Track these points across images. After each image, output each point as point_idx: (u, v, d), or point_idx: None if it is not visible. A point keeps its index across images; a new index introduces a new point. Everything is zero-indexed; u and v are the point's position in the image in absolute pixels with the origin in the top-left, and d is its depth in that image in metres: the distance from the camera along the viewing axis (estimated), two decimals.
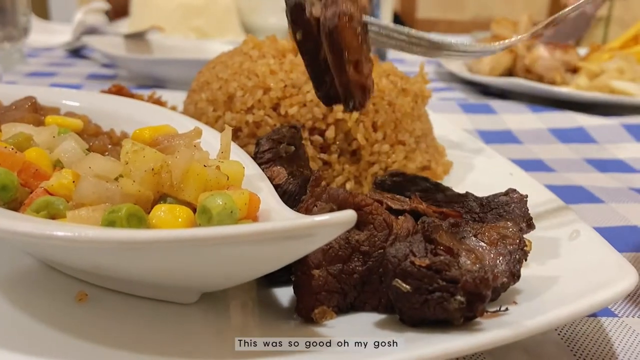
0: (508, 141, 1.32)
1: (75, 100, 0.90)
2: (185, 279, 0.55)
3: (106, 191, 0.56)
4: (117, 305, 0.58)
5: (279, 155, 0.74)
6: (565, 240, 0.68)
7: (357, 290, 0.58)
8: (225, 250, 0.48)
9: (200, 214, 0.55)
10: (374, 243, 0.58)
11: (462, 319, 0.52)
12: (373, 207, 0.58)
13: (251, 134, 0.88)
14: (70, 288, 0.60)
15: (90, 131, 0.80)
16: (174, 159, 0.58)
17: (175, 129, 0.71)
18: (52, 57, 2.11)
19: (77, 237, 0.47)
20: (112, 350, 0.51)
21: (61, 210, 0.56)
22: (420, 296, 0.52)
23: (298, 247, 0.50)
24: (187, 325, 0.56)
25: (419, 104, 0.95)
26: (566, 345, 0.62)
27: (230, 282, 0.57)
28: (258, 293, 0.63)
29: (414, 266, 0.52)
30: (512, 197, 0.68)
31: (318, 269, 0.57)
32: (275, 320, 0.59)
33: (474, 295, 0.50)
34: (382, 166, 0.89)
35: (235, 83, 0.90)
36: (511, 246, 0.58)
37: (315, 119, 0.87)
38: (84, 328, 0.54)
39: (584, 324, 0.66)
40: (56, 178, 0.59)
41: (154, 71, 1.64)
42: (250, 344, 0.50)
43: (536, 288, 0.59)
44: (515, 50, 1.75)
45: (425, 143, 0.95)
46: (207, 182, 0.59)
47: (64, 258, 0.56)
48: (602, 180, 1.11)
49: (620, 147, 1.29)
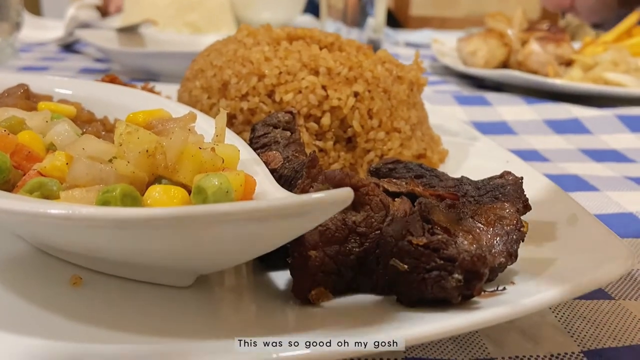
0: (503, 132, 1.33)
1: (68, 89, 0.90)
2: (180, 260, 0.54)
3: (100, 172, 0.55)
4: (112, 289, 0.58)
5: (275, 140, 0.74)
6: (563, 223, 0.68)
7: (354, 271, 0.58)
8: (221, 229, 0.48)
9: (196, 194, 0.54)
10: (371, 224, 0.58)
11: (460, 297, 0.51)
12: (370, 188, 0.58)
13: (246, 121, 0.87)
14: (64, 272, 0.60)
15: (84, 118, 0.79)
16: (169, 141, 0.58)
17: (170, 114, 0.70)
18: (44, 52, 2.10)
19: (72, 215, 0.46)
20: (106, 334, 0.50)
21: (54, 191, 0.55)
22: (418, 275, 0.52)
23: (294, 225, 0.49)
24: (182, 308, 0.56)
25: (414, 91, 0.95)
26: (563, 327, 0.62)
27: (226, 263, 0.57)
28: (254, 277, 0.63)
29: (411, 245, 0.52)
30: (508, 180, 0.68)
31: (315, 250, 0.56)
32: (271, 302, 0.58)
33: (471, 274, 0.50)
34: (378, 153, 0.89)
35: (229, 70, 0.89)
36: (508, 227, 0.58)
37: (310, 105, 0.86)
38: (79, 312, 0.54)
39: (581, 307, 0.66)
40: (49, 160, 0.58)
41: (147, 64, 1.63)
42: (250, 344, 0.49)
43: (534, 269, 0.59)
44: (510, 44, 1.75)
45: (421, 131, 0.95)
46: (202, 164, 0.58)
47: (58, 239, 0.55)
48: (597, 170, 1.11)
49: (615, 137, 1.29)
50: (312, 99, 0.86)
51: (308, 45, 0.96)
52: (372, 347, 0.48)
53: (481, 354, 0.58)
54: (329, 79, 0.88)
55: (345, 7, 2.37)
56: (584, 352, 0.58)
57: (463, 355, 0.58)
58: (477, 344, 0.59)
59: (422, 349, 0.58)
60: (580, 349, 0.59)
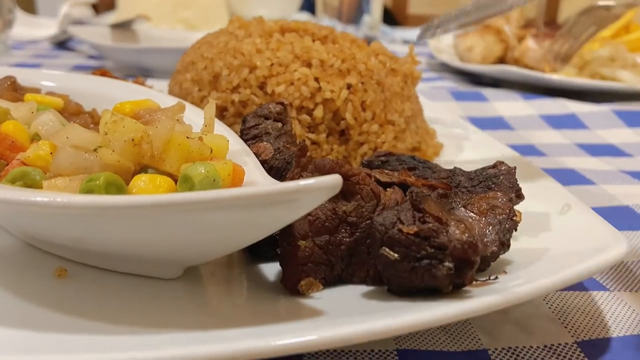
0: (499, 127, 1.32)
1: (56, 82, 0.89)
2: (166, 250, 0.53)
3: (84, 161, 0.54)
4: (98, 281, 0.57)
5: (266, 131, 0.73)
6: (556, 214, 0.67)
7: (344, 262, 0.57)
8: (207, 217, 0.47)
9: (182, 183, 0.53)
10: (362, 214, 0.57)
11: (451, 286, 0.50)
12: (360, 177, 0.57)
13: (237, 114, 0.86)
14: (48, 264, 0.59)
15: (71, 110, 0.78)
16: (155, 129, 0.57)
17: (158, 104, 0.69)
18: (37, 49, 2.08)
19: (53, 203, 0.45)
20: (92, 326, 0.49)
21: (37, 180, 0.54)
22: (408, 264, 0.51)
23: (282, 213, 0.48)
24: (170, 300, 0.54)
25: (408, 84, 0.94)
26: (557, 318, 0.61)
27: (213, 253, 0.56)
28: (244, 268, 0.62)
29: (402, 234, 0.51)
30: (500, 169, 0.67)
31: (304, 239, 0.55)
32: (261, 293, 0.57)
33: (462, 262, 0.49)
34: (372, 146, 0.88)
35: (220, 62, 0.88)
36: (501, 216, 0.57)
37: (303, 97, 0.85)
38: (64, 304, 0.52)
39: (575, 298, 0.65)
40: (33, 150, 0.57)
41: (140, 61, 1.62)
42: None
43: (527, 258, 0.58)
44: (507, 40, 1.74)
45: (415, 124, 0.94)
46: (190, 153, 0.57)
47: (41, 229, 0.54)
48: (593, 164, 1.10)
49: (612, 132, 1.29)
50: (305, 90, 0.85)
51: (301, 37, 0.95)
52: (362, 337, 0.47)
53: (474, 345, 0.57)
54: (321, 71, 0.87)
55: (341, 4, 2.36)
56: (577, 343, 0.57)
57: (456, 347, 0.57)
58: (470, 335, 0.58)
59: (413, 340, 0.57)
60: (574, 339, 0.58)
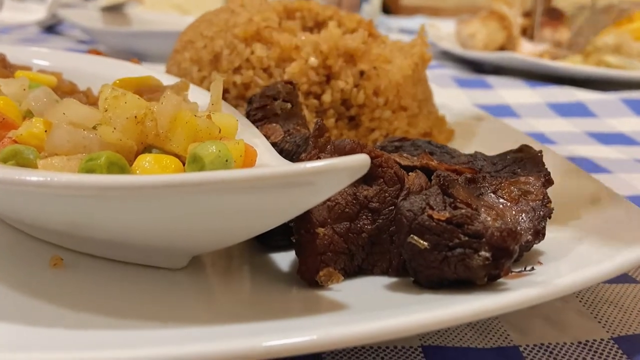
0: (506, 115, 1.28)
1: (48, 60, 0.83)
2: (173, 237, 0.48)
3: (82, 140, 0.49)
4: (96, 271, 0.52)
5: (274, 112, 0.68)
6: (585, 202, 0.63)
7: (365, 251, 0.52)
8: (219, 200, 0.42)
9: (191, 163, 0.48)
10: (384, 199, 0.53)
11: (486, 278, 0.46)
12: (383, 159, 0.53)
13: (239, 96, 0.81)
14: (43, 253, 0.54)
15: (65, 89, 0.72)
16: (160, 106, 0.52)
17: (160, 81, 0.64)
18: (25, 34, 2.01)
19: (51, 182, 0.40)
20: (90, 319, 0.45)
21: (31, 160, 0.49)
22: (439, 253, 0.46)
23: (303, 197, 0.44)
24: (174, 293, 0.50)
25: (419, 67, 0.90)
26: (589, 313, 0.57)
27: (223, 241, 0.51)
28: (254, 258, 0.57)
29: (432, 220, 0.47)
30: (526, 153, 0.63)
31: (323, 227, 0.51)
32: (273, 285, 0.53)
33: (500, 251, 0.45)
34: (383, 133, 0.83)
35: (221, 41, 0.83)
36: (534, 202, 0.53)
37: (311, 82, 0.81)
38: (59, 296, 0.48)
39: (605, 291, 0.61)
40: (26, 127, 0.52)
41: (133, 45, 1.56)
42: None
43: (561, 248, 0.54)
44: (510, 27, 1.70)
45: (427, 109, 0.90)
46: (198, 133, 0.52)
47: (36, 213, 0.49)
48: (606, 152, 1.07)
49: (621, 121, 1.25)
50: (312, 74, 0.80)
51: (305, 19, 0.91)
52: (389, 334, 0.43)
53: (503, 342, 0.53)
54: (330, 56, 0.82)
55: None
56: (613, 339, 0.54)
57: (484, 343, 0.53)
58: (498, 330, 0.54)
59: (438, 336, 0.53)
60: (610, 335, 0.54)
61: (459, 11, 3.94)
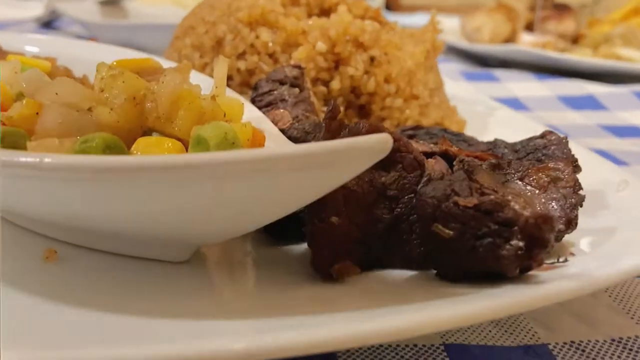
0: (516, 108, 1.24)
1: (42, 47, 0.79)
2: (175, 227, 0.44)
3: (76, 122, 0.45)
4: (92, 265, 0.48)
5: (282, 98, 0.64)
6: (613, 190, 0.60)
7: (382, 241, 0.48)
8: (226, 184, 0.38)
9: (194, 146, 0.45)
10: (403, 186, 0.49)
11: (518, 270, 0.42)
12: (402, 143, 0.49)
13: (244, 83, 0.78)
14: (35, 246, 0.50)
15: (59, 74, 0.68)
16: (160, 85, 0.48)
17: (160, 64, 0.60)
18: (22, 30, 1.97)
19: (43, 164, 0.36)
20: (87, 315, 0.41)
21: (22, 143, 0.45)
22: (466, 243, 0.42)
23: (317, 181, 0.40)
24: (176, 287, 0.46)
25: (431, 54, 0.86)
26: (621, 308, 0.54)
27: (230, 231, 0.47)
28: (261, 250, 0.53)
29: (458, 207, 0.43)
30: (550, 139, 0.59)
31: (338, 216, 0.47)
32: (283, 278, 0.49)
33: (534, 240, 0.41)
34: (394, 122, 0.80)
35: (224, 26, 0.79)
36: (565, 189, 0.49)
37: (319, 68, 0.77)
38: (52, 292, 0.44)
39: (636, 286, 0.58)
40: (16, 109, 0.48)
41: (131, 38, 1.52)
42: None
43: (592, 239, 0.51)
44: (515, 20, 1.67)
45: (439, 97, 0.86)
46: (201, 115, 0.48)
47: (26, 201, 0.45)
48: (621, 145, 1.04)
49: (634, 114, 1.22)
50: (320, 60, 0.77)
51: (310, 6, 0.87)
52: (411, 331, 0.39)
53: (530, 339, 0.49)
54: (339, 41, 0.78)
55: None
56: None
57: (510, 341, 0.49)
58: (524, 328, 0.51)
59: (461, 334, 0.49)
60: None
61: (460, 9, 3.91)
